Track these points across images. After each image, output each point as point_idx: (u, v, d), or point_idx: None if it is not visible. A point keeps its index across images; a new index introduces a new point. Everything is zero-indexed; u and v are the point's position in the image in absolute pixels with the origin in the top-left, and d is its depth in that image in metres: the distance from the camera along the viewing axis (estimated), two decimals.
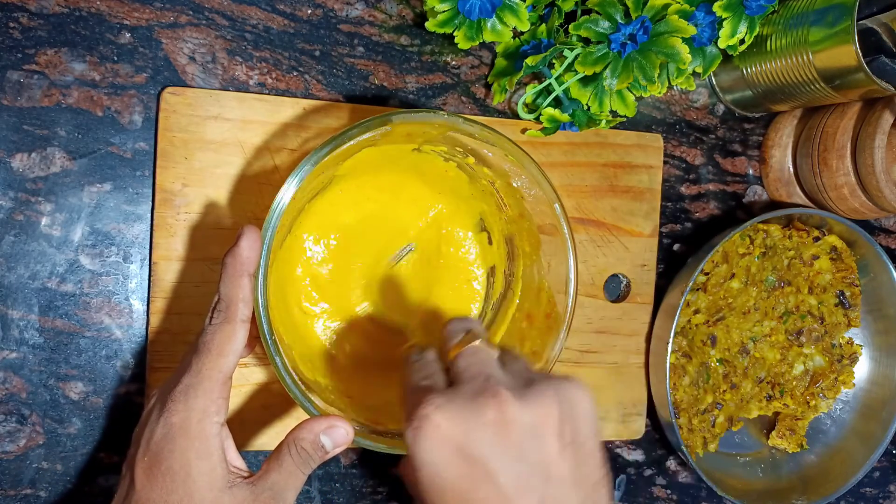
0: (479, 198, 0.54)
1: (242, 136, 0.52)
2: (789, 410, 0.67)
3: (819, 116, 0.64)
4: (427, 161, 0.52)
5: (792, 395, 0.67)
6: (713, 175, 0.67)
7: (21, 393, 0.49)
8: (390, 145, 0.48)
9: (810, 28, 0.55)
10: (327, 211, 0.52)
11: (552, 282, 0.51)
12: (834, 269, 0.66)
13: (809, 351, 0.67)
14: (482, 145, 0.47)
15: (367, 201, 0.53)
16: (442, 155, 0.51)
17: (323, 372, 0.51)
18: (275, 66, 0.54)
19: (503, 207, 0.53)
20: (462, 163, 0.51)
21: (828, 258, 0.65)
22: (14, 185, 0.48)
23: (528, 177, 0.48)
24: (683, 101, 0.65)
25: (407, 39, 0.57)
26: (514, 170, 0.48)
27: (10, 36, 0.48)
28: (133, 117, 0.51)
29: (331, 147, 0.42)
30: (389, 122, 0.42)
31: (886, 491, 0.74)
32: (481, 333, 0.42)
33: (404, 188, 0.54)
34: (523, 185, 0.49)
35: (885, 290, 0.66)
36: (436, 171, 0.53)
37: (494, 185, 0.51)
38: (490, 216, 0.55)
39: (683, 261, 0.63)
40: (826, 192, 0.64)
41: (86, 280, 0.50)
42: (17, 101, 0.48)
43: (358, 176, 0.52)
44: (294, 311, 0.52)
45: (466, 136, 0.46)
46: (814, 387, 0.67)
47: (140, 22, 0.50)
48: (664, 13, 0.52)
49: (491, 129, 0.45)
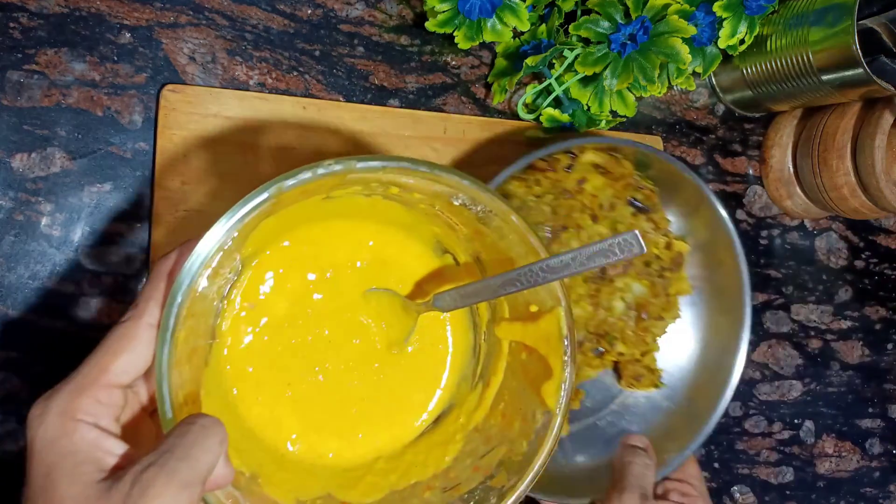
0: (424, 221, 0.46)
1: (242, 134, 0.52)
2: (628, 356, 0.57)
3: (819, 116, 0.64)
4: (344, 205, 0.44)
5: (623, 339, 0.56)
6: (713, 175, 0.67)
7: (21, 393, 0.49)
8: (291, 206, 0.39)
9: (810, 28, 0.55)
10: (254, 305, 0.44)
11: (540, 296, 0.43)
12: (611, 180, 0.55)
13: (623, 284, 0.56)
14: (396, 177, 0.39)
15: (293, 274, 0.45)
16: (359, 194, 0.43)
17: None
18: (275, 66, 0.54)
19: (455, 226, 0.45)
20: (387, 194, 0.43)
21: (597, 174, 0.55)
22: (14, 185, 0.48)
23: (486, 205, 0.41)
24: (683, 101, 0.65)
25: (407, 39, 0.57)
26: (447, 190, 0.40)
27: (10, 36, 0.48)
28: (133, 117, 0.51)
29: (222, 235, 0.34)
30: (268, 192, 0.34)
31: (886, 491, 0.74)
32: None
33: (330, 237, 0.46)
34: (467, 202, 0.41)
35: (712, 230, 0.57)
36: (362, 210, 0.45)
37: (435, 208, 0.44)
38: (446, 237, 0.47)
39: None
40: (826, 192, 0.63)
41: (86, 280, 0.50)
42: (17, 101, 0.48)
43: (271, 243, 0.44)
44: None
45: (367, 174, 0.38)
46: (643, 321, 0.56)
47: (140, 22, 0.50)
48: (664, 13, 0.52)
49: (390, 159, 0.37)
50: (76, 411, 0.32)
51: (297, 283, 0.45)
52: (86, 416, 0.32)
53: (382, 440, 0.47)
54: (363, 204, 0.44)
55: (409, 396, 0.48)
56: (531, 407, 0.43)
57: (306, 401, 0.45)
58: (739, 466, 0.70)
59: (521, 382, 0.45)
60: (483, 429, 0.46)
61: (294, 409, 0.45)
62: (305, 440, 0.45)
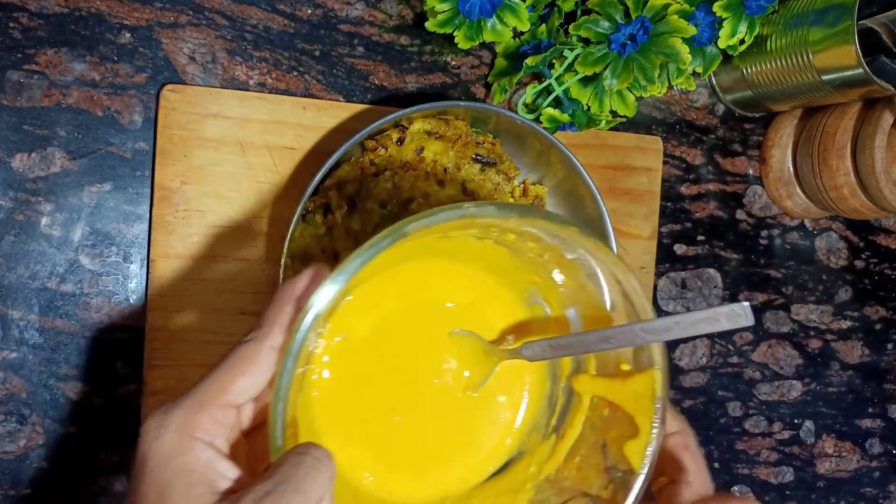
0: (525, 269, 0.46)
1: (242, 134, 0.52)
2: None
3: (819, 116, 0.64)
4: (456, 245, 0.44)
5: None
6: (713, 175, 0.67)
7: (21, 393, 0.49)
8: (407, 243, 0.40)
9: (810, 28, 0.55)
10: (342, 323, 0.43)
11: (634, 356, 0.42)
12: (447, 143, 0.54)
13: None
14: (527, 227, 0.39)
15: (386, 299, 0.44)
16: (474, 236, 0.43)
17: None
18: (275, 66, 0.54)
19: (555, 276, 0.45)
20: (499, 240, 0.43)
21: (433, 139, 0.53)
22: (14, 185, 0.48)
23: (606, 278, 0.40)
24: (683, 101, 0.65)
25: (407, 39, 0.57)
26: (567, 243, 0.40)
27: (10, 36, 0.48)
28: (133, 117, 0.51)
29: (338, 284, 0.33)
30: (404, 235, 0.34)
31: (886, 491, 0.74)
32: None
33: (429, 275, 0.45)
34: (580, 258, 0.41)
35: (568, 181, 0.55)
36: (468, 252, 0.45)
37: (543, 258, 0.44)
38: (545, 287, 0.46)
39: (684, 261, 0.63)
40: (826, 192, 0.63)
41: (86, 280, 0.50)
42: (17, 101, 0.48)
43: (372, 277, 0.43)
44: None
45: (503, 223, 0.38)
46: None
47: (140, 22, 0.50)
48: (664, 13, 0.52)
49: (541, 215, 0.37)
50: (194, 428, 0.31)
51: (388, 317, 0.44)
52: (203, 434, 0.32)
53: (450, 482, 0.46)
54: (472, 246, 0.44)
55: (478, 440, 0.47)
56: (610, 462, 0.42)
57: (382, 437, 0.44)
58: (739, 466, 0.70)
59: (600, 437, 0.44)
60: (556, 480, 0.45)
61: (370, 445, 0.44)
62: (378, 477, 0.44)
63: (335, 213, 0.50)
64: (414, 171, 0.52)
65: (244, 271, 0.52)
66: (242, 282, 0.52)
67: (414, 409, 0.45)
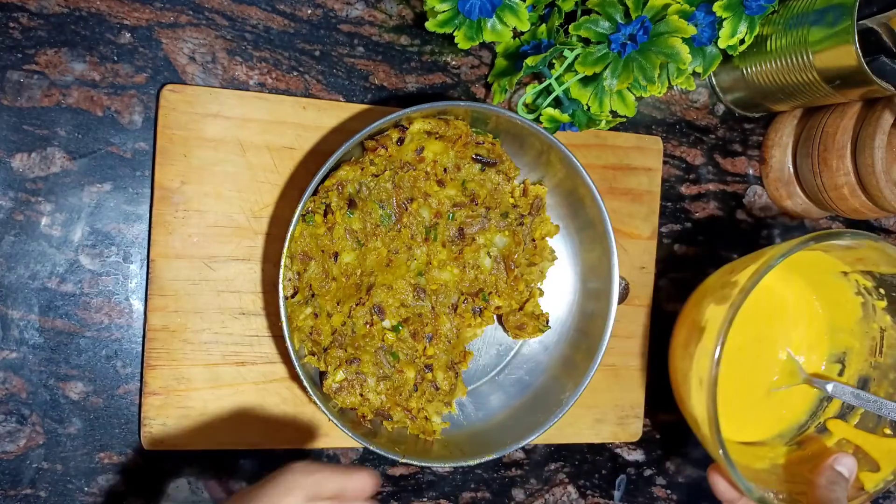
0: (856, 336, 0.57)
1: (242, 134, 0.52)
2: (506, 308, 0.58)
3: (819, 116, 0.64)
4: (838, 288, 0.55)
5: (497, 292, 0.57)
6: (713, 175, 0.67)
7: (21, 393, 0.49)
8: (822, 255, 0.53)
9: (810, 28, 0.55)
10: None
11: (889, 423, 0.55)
12: (447, 143, 0.54)
13: (485, 239, 0.56)
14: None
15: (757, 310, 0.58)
16: (861, 289, 0.54)
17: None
18: (275, 66, 0.54)
19: (877, 354, 0.56)
20: (869, 302, 0.54)
21: (433, 139, 0.53)
22: (14, 185, 0.48)
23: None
24: (683, 101, 0.65)
25: (407, 39, 0.57)
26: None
27: (10, 36, 0.48)
28: (133, 117, 0.51)
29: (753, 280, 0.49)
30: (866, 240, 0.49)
31: (886, 491, 0.74)
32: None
33: (795, 303, 0.59)
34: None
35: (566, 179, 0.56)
36: (835, 297, 0.56)
37: (883, 333, 0.55)
38: (857, 355, 0.58)
39: (683, 261, 0.63)
40: (826, 192, 0.63)
41: (86, 280, 0.50)
42: (17, 101, 0.48)
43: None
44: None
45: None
46: (513, 271, 0.56)
47: (140, 22, 0.50)
48: (664, 13, 0.52)
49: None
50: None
51: (757, 326, 0.60)
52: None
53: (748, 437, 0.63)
54: (844, 297, 0.56)
55: (757, 418, 0.62)
56: None
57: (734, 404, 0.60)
58: None
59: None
60: (783, 475, 0.58)
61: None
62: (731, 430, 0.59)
63: (335, 213, 0.50)
64: (414, 171, 0.53)
65: (244, 271, 0.52)
66: (242, 282, 0.52)
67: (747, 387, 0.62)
